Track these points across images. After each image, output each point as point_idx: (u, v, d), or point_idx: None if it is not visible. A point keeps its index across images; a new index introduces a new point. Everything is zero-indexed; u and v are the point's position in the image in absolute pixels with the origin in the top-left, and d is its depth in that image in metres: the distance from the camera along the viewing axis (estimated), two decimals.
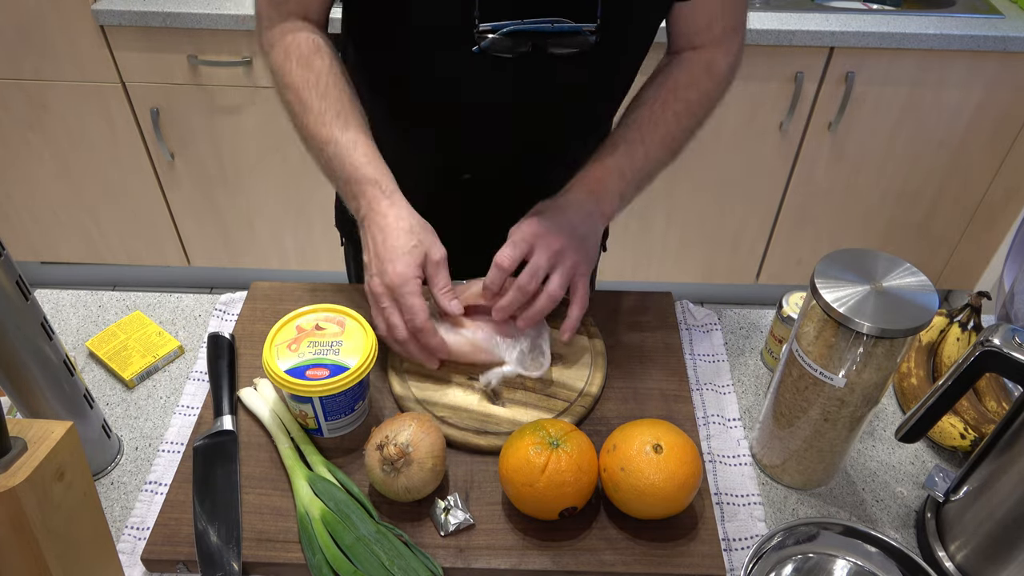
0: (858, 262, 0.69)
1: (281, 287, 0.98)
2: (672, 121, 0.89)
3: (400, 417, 0.74)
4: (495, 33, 0.80)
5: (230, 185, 2.08)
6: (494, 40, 0.80)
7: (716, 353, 0.94)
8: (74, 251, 2.27)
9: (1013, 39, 1.74)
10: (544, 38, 0.81)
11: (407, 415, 0.74)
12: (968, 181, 2.03)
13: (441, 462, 0.73)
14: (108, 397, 0.88)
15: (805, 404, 0.73)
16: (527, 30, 0.81)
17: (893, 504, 0.79)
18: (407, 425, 0.72)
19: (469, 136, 0.94)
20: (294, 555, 0.71)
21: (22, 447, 0.54)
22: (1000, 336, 0.63)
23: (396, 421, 0.73)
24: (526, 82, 0.86)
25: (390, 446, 0.70)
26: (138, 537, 0.74)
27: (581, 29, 0.81)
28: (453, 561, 0.70)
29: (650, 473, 0.69)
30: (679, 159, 0.92)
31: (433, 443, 0.72)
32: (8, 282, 0.65)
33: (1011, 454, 0.66)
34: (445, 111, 0.92)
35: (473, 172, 0.97)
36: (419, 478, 0.71)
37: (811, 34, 1.75)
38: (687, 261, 2.25)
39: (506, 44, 0.81)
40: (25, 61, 1.85)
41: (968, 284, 2.28)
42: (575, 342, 0.88)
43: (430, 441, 0.72)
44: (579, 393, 0.83)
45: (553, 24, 0.81)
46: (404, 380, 0.84)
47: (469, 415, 0.81)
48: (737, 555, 0.74)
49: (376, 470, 0.71)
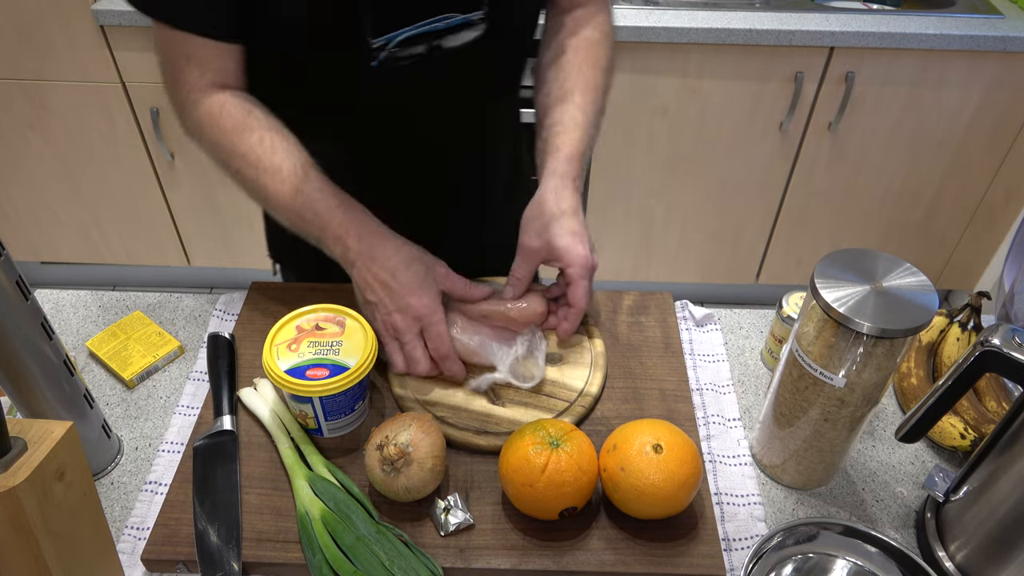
0: (858, 262, 0.69)
1: (281, 287, 0.98)
2: (601, 77, 0.90)
3: (400, 417, 0.74)
4: (389, 44, 0.80)
5: (230, 185, 2.07)
6: (390, 52, 0.80)
7: (716, 353, 0.94)
8: (74, 251, 2.27)
9: (1013, 39, 1.74)
10: (436, 37, 0.81)
11: (407, 415, 0.74)
12: (968, 181, 2.03)
13: (441, 462, 0.73)
14: (108, 397, 0.88)
15: (805, 404, 0.73)
16: (419, 33, 0.80)
17: (893, 504, 0.80)
18: (407, 425, 0.72)
19: (388, 139, 0.92)
20: (294, 555, 0.71)
21: (22, 447, 0.54)
22: (1000, 336, 0.63)
23: (396, 421, 0.73)
24: (428, 80, 0.86)
25: (390, 446, 0.70)
26: (138, 537, 0.74)
27: (470, 19, 0.82)
28: (453, 561, 0.70)
29: (650, 473, 0.69)
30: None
31: (433, 443, 0.72)
32: (8, 282, 0.65)
33: (1011, 454, 0.66)
34: (363, 132, 0.90)
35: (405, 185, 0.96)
36: (419, 478, 0.71)
37: (811, 34, 1.75)
38: (687, 261, 2.25)
39: (402, 52, 0.80)
40: (25, 61, 1.85)
41: (968, 284, 2.28)
42: (575, 342, 0.89)
43: (430, 441, 0.72)
44: (579, 393, 0.83)
45: (443, 21, 0.80)
46: (403, 381, 0.84)
47: (469, 415, 0.81)
48: (737, 555, 0.74)
49: (376, 470, 0.71)
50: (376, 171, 0.95)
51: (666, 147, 1.99)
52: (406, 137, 0.92)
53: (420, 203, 0.97)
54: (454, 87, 0.89)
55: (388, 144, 0.92)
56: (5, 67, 1.86)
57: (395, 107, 0.88)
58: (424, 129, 0.92)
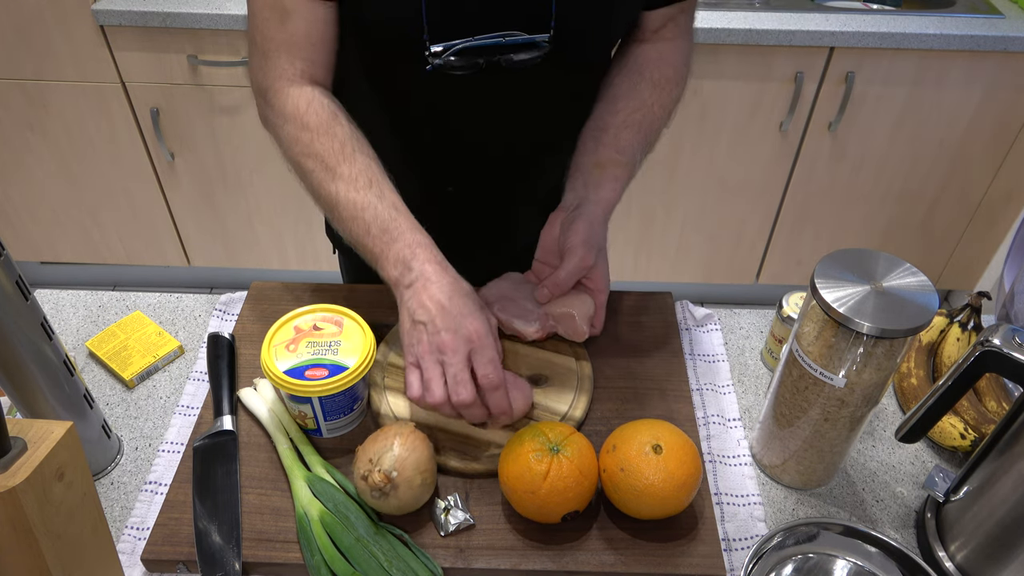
0: (858, 262, 0.69)
1: (281, 287, 0.98)
2: (664, 121, 0.90)
3: (382, 434, 0.72)
4: (446, 52, 0.79)
5: (230, 185, 2.08)
6: (445, 59, 0.80)
7: (716, 353, 0.94)
8: (74, 251, 2.27)
9: (1013, 39, 1.74)
10: (497, 52, 0.80)
11: (390, 430, 0.72)
12: (968, 181, 2.03)
13: (431, 473, 0.72)
14: (108, 397, 0.88)
15: (805, 404, 0.73)
16: (479, 46, 0.80)
17: (893, 504, 0.79)
18: (389, 445, 0.70)
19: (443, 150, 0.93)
20: (294, 555, 0.71)
21: (22, 447, 0.54)
22: (1000, 336, 0.63)
23: (379, 440, 0.71)
24: (486, 95, 0.86)
25: (374, 473, 0.69)
26: (138, 537, 0.74)
27: (535, 40, 0.80)
28: (453, 561, 0.70)
29: (650, 473, 0.69)
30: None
31: (419, 458, 0.70)
32: (8, 282, 0.65)
33: (1011, 454, 0.66)
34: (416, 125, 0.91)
35: (455, 185, 0.97)
36: (409, 496, 0.70)
37: (811, 34, 1.75)
38: (687, 261, 2.25)
39: (458, 62, 0.80)
40: (25, 61, 1.85)
41: (968, 284, 2.28)
42: (562, 364, 0.87)
43: (415, 457, 0.70)
44: (562, 417, 0.82)
45: (505, 38, 0.80)
46: (383, 396, 0.83)
47: (448, 436, 0.79)
48: (737, 555, 0.74)
49: (366, 495, 0.70)
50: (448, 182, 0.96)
51: (666, 147, 1.98)
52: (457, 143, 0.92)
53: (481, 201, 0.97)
54: (518, 105, 0.88)
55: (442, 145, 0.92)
56: (5, 67, 1.86)
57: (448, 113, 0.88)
58: (493, 145, 0.92)
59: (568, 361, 0.87)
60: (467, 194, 0.97)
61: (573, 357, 0.88)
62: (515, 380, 0.81)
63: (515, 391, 0.79)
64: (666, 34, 0.90)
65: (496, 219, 1.00)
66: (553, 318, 0.86)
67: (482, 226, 1.00)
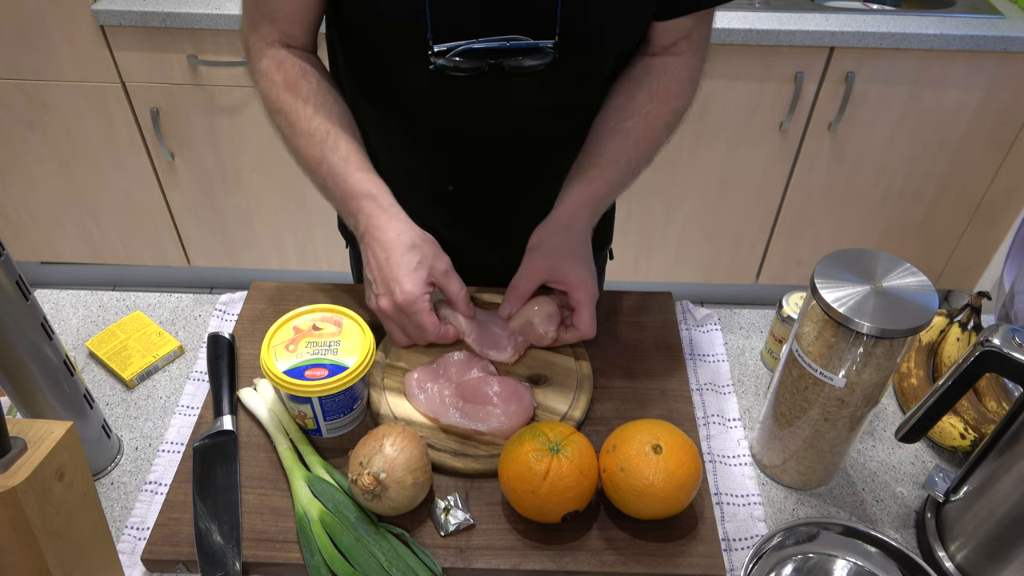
0: (858, 262, 0.69)
1: (281, 287, 0.98)
2: (663, 132, 0.90)
3: (372, 436, 0.72)
4: (450, 53, 0.79)
5: (230, 185, 2.08)
6: (448, 60, 0.80)
7: (716, 353, 0.94)
8: (74, 251, 2.27)
9: (1013, 39, 1.74)
10: (501, 56, 0.80)
11: (380, 431, 0.72)
12: (968, 181, 2.03)
13: (424, 473, 0.71)
14: (108, 397, 0.88)
15: (805, 404, 0.73)
16: (482, 49, 0.80)
17: (893, 504, 0.79)
18: (378, 447, 0.70)
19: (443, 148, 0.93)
20: (294, 555, 0.71)
21: (22, 447, 0.54)
22: (1000, 336, 0.63)
23: (368, 443, 0.71)
24: (488, 99, 0.86)
25: (364, 476, 0.69)
26: (138, 537, 0.74)
27: (539, 46, 0.80)
28: (453, 561, 0.70)
29: (649, 473, 0.69)
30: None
31: (409, 457, 0.70)
32: (8, 282, 0.65)
33: (1011, 454, 0.66)
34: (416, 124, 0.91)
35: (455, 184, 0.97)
36: (402, 495, 0.70)
37: (811, 34, 1.75)
38: (687, 261, 2.25)
39: (462, 63, 0.80)
40: (25, 61, 1.85)
41: (968, 284, 2.28)
42: (562, 364, 0.87)
43: (405, 457, 0.70)
44: (562, 416, 0.81)
45: (509, 42, 0.80)
46: (383, 396, 0.83)
47: (449, 436, 0.79)
48: (737, 555, 0.74)
49: (360, 497, 0.70)
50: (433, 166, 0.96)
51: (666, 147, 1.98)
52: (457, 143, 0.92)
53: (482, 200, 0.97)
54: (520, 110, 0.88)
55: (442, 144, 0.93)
56: (5, 67, 1.86)
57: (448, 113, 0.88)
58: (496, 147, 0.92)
59: (568, 361, 0.87)
60: (467, 193, 0.97)
61: (573, 357, 0.88)
62: (515, 387, 0.81)
63: (513, 402, 0.80)
64: (676, 50, 0.90)
65: (496, 219, 1.00)
66: (519, 333, 0.86)
67: (482, 226, 1.01)
